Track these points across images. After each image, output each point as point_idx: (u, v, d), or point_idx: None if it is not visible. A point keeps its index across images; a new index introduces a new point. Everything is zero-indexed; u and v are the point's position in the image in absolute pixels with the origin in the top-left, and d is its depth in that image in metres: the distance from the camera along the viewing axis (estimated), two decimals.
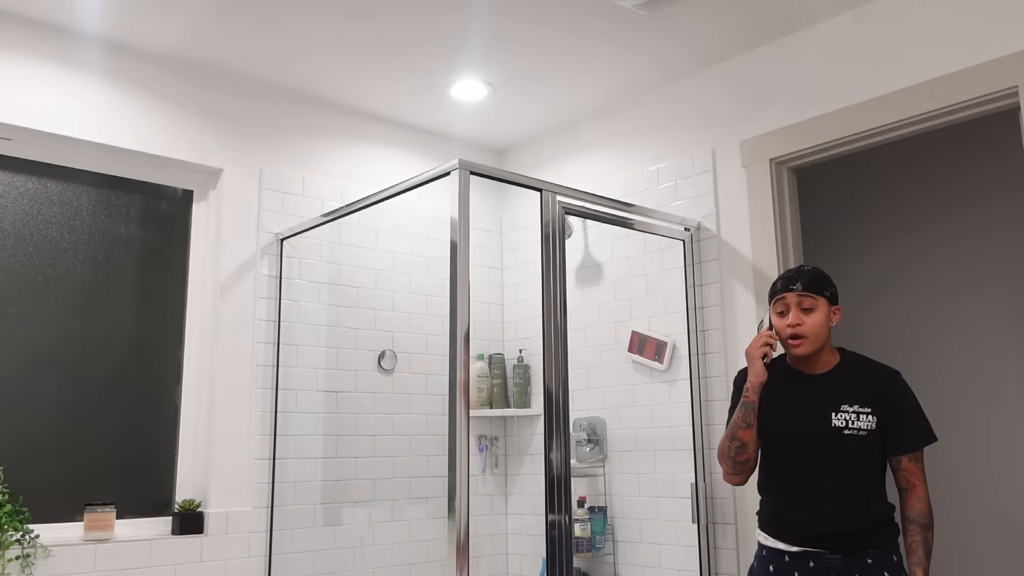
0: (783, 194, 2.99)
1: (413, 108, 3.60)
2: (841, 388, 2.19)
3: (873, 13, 2.77)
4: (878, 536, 2.11)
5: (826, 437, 2.15)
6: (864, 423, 2.14)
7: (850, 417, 2.15)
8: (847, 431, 2.14)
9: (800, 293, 2.21)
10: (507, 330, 3.95)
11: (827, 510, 2.13)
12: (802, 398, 2.22)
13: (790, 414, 2.21)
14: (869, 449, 2.14)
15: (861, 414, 2.15)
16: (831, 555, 2.11)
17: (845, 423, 2.15)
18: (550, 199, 2.63)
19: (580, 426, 3.43)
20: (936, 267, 3.71)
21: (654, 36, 2.98)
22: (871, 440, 2.14)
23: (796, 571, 2.15)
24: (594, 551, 3.24)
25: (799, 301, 2.21)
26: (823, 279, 2.24)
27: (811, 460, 2.16)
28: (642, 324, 3.32)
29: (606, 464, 3.38)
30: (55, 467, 2.80)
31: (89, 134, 2.90)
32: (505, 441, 3.87)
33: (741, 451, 2.24)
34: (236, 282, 3.17)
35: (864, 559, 2.09)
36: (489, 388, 3.77)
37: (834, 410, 2.16)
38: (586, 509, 3.28)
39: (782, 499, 2.21)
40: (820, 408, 2.18)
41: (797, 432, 2.19)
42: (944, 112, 2.58)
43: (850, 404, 2.16)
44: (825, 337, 2.22)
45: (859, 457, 2.14)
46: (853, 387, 2.18)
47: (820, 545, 2.12)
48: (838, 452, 2.14)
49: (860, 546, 2.10)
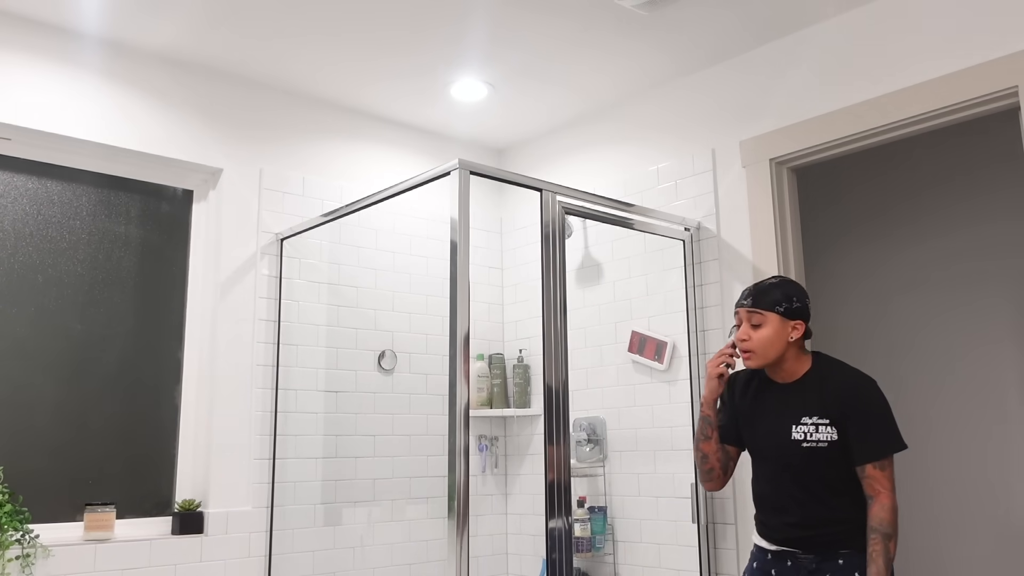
0: (783, 194, 2.99)
1: (413, 108, 3.60)
2: (803, 400, 2.22)
3: (873, 13, 2.77)
4: (849, 538, 2.15)
5: (787, 449, 2.20)
6: (823, 435, 2.16)
7: (808, 430, 2.18)
8: (806, 444, 2.17)
9: (748, 309, 2.26)
10: (507, 330, 3.95)
11: (796, 517, 2.20)
12: (770, 409, 2.28)
13: (757, 425, 2.29)
14: (833, 458, 2.16)
15: (820, 426, 2.17)
16: (804, 555, 2.19)
17: (804, 436, 2.18)
18: (550, 199, 2.63)
19: (580, 426, 3.43)
20: (936, 267, 3.70)
21: (654, 36, 2.98)
22: (833, 450, 2.16)
23: (774, 568, 2.25)
24: (594, 551, 3.24)
25: (748, 316, 2.26)
26: (776, 295, 2.24)
27: (777, 470, 2.24)
28: (642, 324, 3.32)
29: (606, 464, 3.38)
30: (55, 467, 2.80)
31: (89, 134, 2.90)
32: (505, 441, 3.87)
33: (704, 461, 2.37)
34: (236, 282, 3.17)
35: (835, 559, 2.15)
36: (489, 388, 3.77)
37: (795, 423, 2.20)
38: (586, 509, 3.28)
39: (759, 502, 2.31)
40: (783, 421, 2.23)
41: (763, 443, 2.27)
42: (944, 112, 2.58)
43: (809, 416, 2.19)
44: (777, 351, 2.23)
45: (822, 467, 2.17)
46: (815, 399, 2.20)
47: (795, 546, 2.21)
48: (800, 463, 2.18)
49: (831, 547, 2.16)
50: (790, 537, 2.20)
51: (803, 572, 2.19)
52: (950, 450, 3.57)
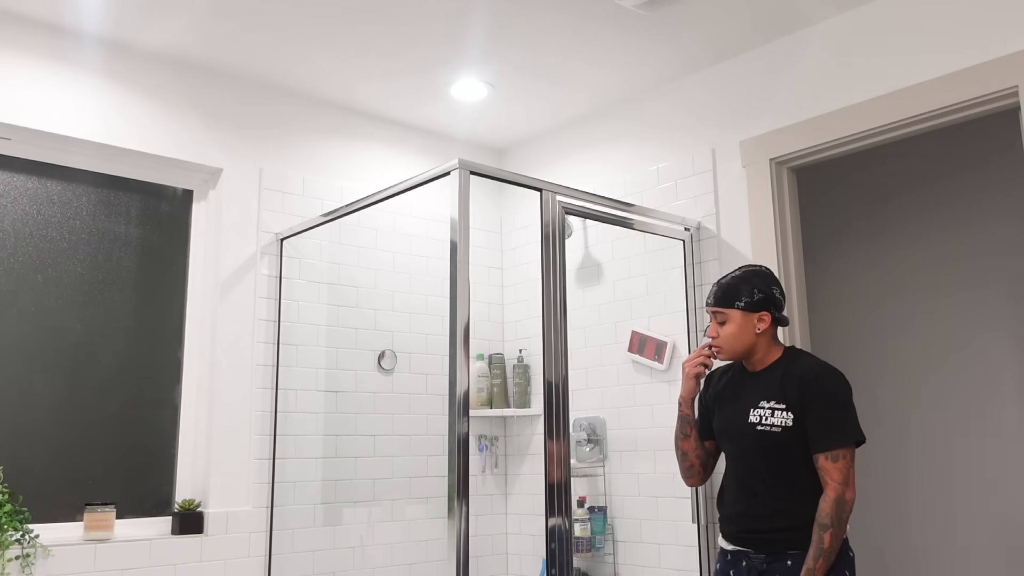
0: (783, 194, 2.99)
1: (413, 108, 3.60)
2: (765, 385, 2.24)
3: (873, 13, 2.77)
4: (797, 538, 2.12)
5: (743, 431, 2.23)
6: (779, 419, 2.16)
7: (765, 413, 2.19)
8: (760, 427, 2.18)
9: (712, 308, 2.31)
10: (507, 330, 3.95)
11: (744, 506, 2.21)
12: (734, 395, 2.31)
13: (722, 410, 2.33)
14: (786, 447, 2.14)
15: (776, 410, 2.17)
16: (755, 555, 2.19)
17: (760, 419, 2.19)
18: (550, 199, 2.63)
19: (580, 426, 3.43)
20: (935, 266, 3.70)
21: (654, 36, 2.98)
22: (787, 437, 2.14)
23: (732, 569, 2.25)
24: (594, 551, 3.24)
25: (713, 315, 2.31)
26: (735, 290, 2.27)
27: (734, 454, 2.27)
28: (642, 324, 3.32)
29: (606, 464, 3.38)
30: (55, 467, 2.80)
31: (89, 134, 2.90)
32: (505, 441, 3.87)
33: (684, 458, 2.42)
34: (236, 282, 3.17)
35: (784, 560, 2.13)
36: (489, 388, 3.77)
37: (753, 406, 2.23)
38: (586, 509, 3.28)
39: (720, 497, 2.34)
40: (743, 404, 2.26)
41: (724, 426, 2.31)
42: (944, 112, 2.58)
43: (767, 400, 2.20)
44: (744, 344, 2.26)
45: (775, 454, 2.16)
46: (775, 384, 2.21)
47: (745, 544, 2.21)
48: (753, 447, 2.20)
49: (779, 546, 2.14)
50: (742, 531, 2.20)
51: (754, 573, 2.17)
52: (947, 448, 3.57)
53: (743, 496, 2.22)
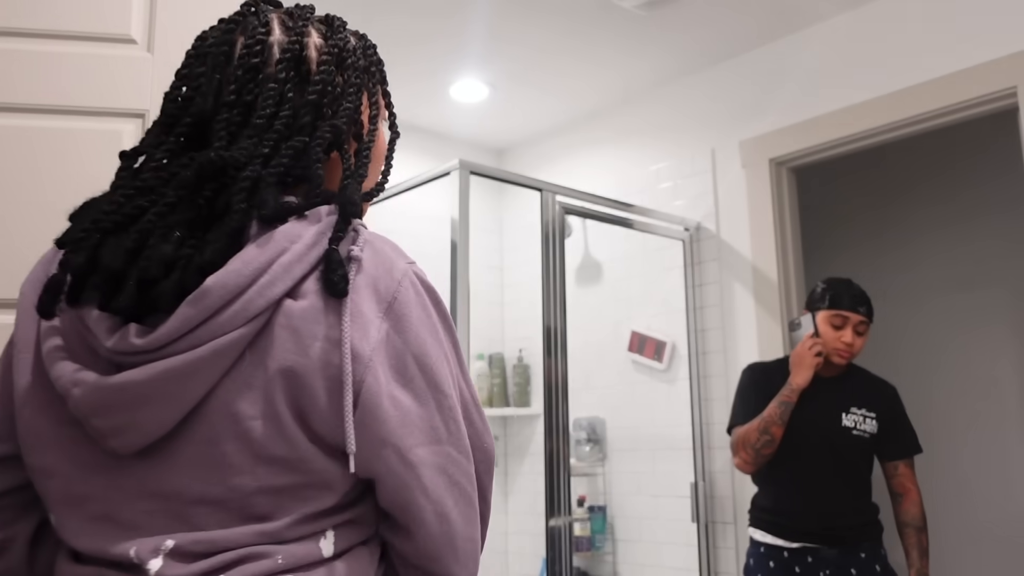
0: (783, 194, 2.99)
1: (413, 108, 3.60)
2: (850, 392, 2.36)
3: (873, 13, 2.78)
4: (870, 532, 2.28)
5: (835, 435, 2.30)
6: (869, 426, 2.31)
7: (858, 419, 2.31)
8: (855, 431, 2.30)
9: (864, 320, 2.33)
10: (507, 330, 3.95)
11: (829, 505, 2.27)
12: (814, 398, 2.33)
13: (803, 411, 2.31)
14: (868, 451, 2.32)
15: (867, 418, 2.32)
16: (828, 549, 2.24)
17: (854, 424, 2.30)
18: (550, 199, 2.63)
19: (580, 426, 3.43)
20: (934, 265, 3.71)
21: (654, 36, 2.98)
22: (871, 443, 2.31)
23: (796, 566, 2.26)
24: (594, 550, 3.25)
25: (858, 323, 2.33)
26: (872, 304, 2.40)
27: (817, 456, 2.30)
28: (642, 324, 3.32)
29: (606, 464, 3.38)
30: None
31: None
32: (505, 441, 3.87)
33: (768, 445, 2.29)
34: None
35: (858, 553, 2.25)
36: (489, 388, 3.77)
37: (844, 411, 2.32)
38: (586, 508, 3.28)
39: (785, 495, 2.32)
40: (829, 408, 2.32)
41: (809, 429, 2.31)
42: (944, 112, 2.58)
43: (859, 407, 2.32)
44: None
45: (859, 457, 2.30)
46: (861, 393, 2.35)
47: (819, 540, 2.25)
48: (843, 450, 2.29)
49: (855, 540, 2.25)
50: (816, 529, 2.25)
51: (827, 567, 2.24)
52: (947, 447, 3.57)
53: (819, 494, 2.28)
